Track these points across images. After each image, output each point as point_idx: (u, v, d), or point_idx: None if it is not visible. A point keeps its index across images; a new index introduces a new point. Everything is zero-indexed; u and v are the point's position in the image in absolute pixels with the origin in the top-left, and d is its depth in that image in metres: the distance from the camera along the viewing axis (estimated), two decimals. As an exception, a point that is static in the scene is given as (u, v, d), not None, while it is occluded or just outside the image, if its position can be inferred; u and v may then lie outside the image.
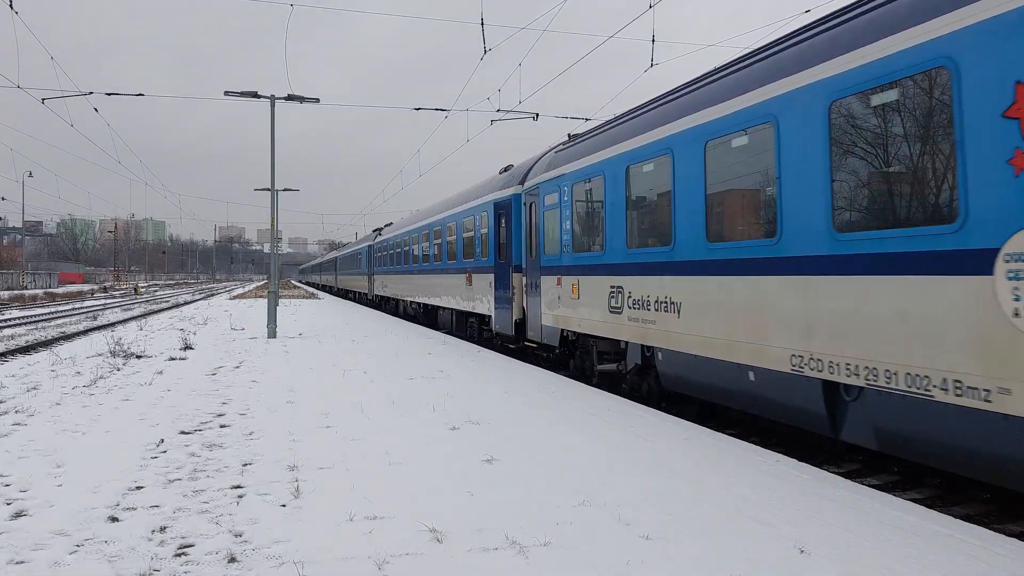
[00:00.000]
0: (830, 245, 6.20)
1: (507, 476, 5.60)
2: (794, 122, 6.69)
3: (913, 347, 5.36)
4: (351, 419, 7.77)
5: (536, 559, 3.99)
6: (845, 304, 6.02)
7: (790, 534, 4.39)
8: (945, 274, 5.13)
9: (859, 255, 5.90)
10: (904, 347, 5.43)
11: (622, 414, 8.28)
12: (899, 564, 3.97)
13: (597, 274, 10.71)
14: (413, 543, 4.21)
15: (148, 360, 13.14)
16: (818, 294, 6.32)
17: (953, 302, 5.06)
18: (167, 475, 5.64)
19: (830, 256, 6.20)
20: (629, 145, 9.76)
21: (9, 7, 15.70)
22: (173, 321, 24.48)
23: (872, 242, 5.77)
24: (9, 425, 7.39)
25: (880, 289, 5.67)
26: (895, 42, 5.60)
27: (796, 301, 6.60)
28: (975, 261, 4.90)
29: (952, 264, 5.07)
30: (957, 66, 5.06)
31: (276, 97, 19.14)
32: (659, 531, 4.41)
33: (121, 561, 3.97)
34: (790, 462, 6.40)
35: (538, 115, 19.71)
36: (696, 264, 8.16)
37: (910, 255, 5.40)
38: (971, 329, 4.90)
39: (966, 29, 5.02)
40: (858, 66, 5.96)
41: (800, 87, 6.60)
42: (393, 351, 14.83)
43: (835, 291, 6.13)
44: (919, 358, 5.32)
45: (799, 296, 6.57)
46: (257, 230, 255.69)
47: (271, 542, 4.24)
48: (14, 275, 72.40)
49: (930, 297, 5.23)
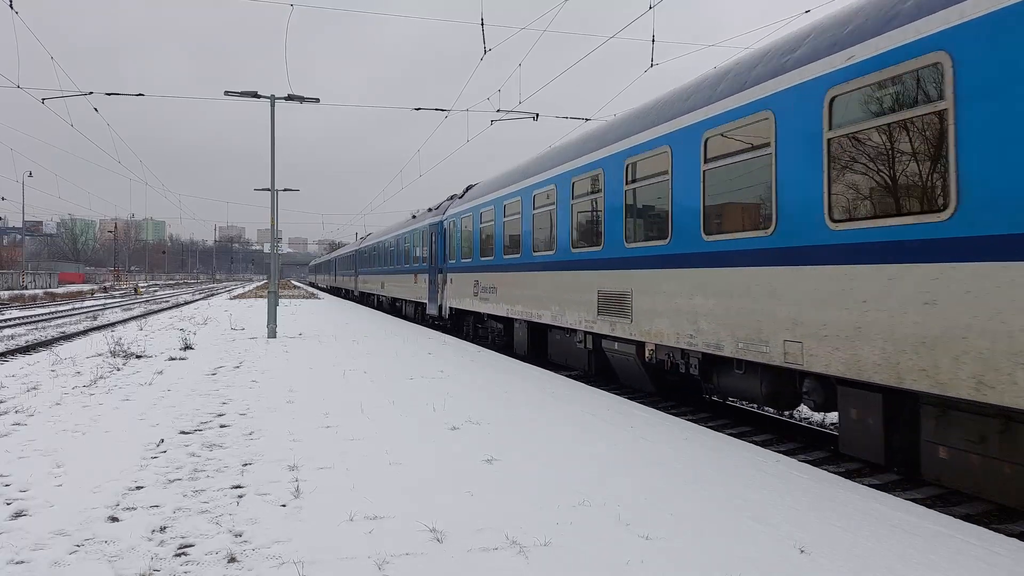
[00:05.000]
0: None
1: (507, 476, 5.60)
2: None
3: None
4: (351, 419, 7.76)
5: (536, 559, 3.99)
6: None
7: (790, 534, 4.39)
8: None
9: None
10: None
11: (622, 414, 8.28)
12: (899, 564, 3.97)
13: (467, 271, 18.34)
14: (413, 543, 4.21)
15: (148, 360, 13.13)
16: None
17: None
18: (167, 475, 5.63)
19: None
20: (476, 202, 17.53)
21: (9, 7, 15.70)
22: (173, 321, 24.47)
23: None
24: (9, 425, 7.39)
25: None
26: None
27: (516, 287, 14.48)
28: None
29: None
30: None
31: (276, 97, 19.14)
32: (659, 531, 4.41)
33: (121, 561, 3.96)
34: (790, 462, 6.41)
35: (538, 115, 19.72)
36: (500, 265, 15.53)
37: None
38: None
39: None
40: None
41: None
42: (393, 351, 14.83)
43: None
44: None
45: (524, 283, 14.10)
46: (257, 230, 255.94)
47: (271, 542, 4.24)
48: (14, 275, 72.39)
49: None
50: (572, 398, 9.34)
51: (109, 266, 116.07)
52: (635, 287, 9.61)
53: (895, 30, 5.66)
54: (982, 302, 4.92)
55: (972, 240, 5.01)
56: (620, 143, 10.09)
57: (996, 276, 4.83)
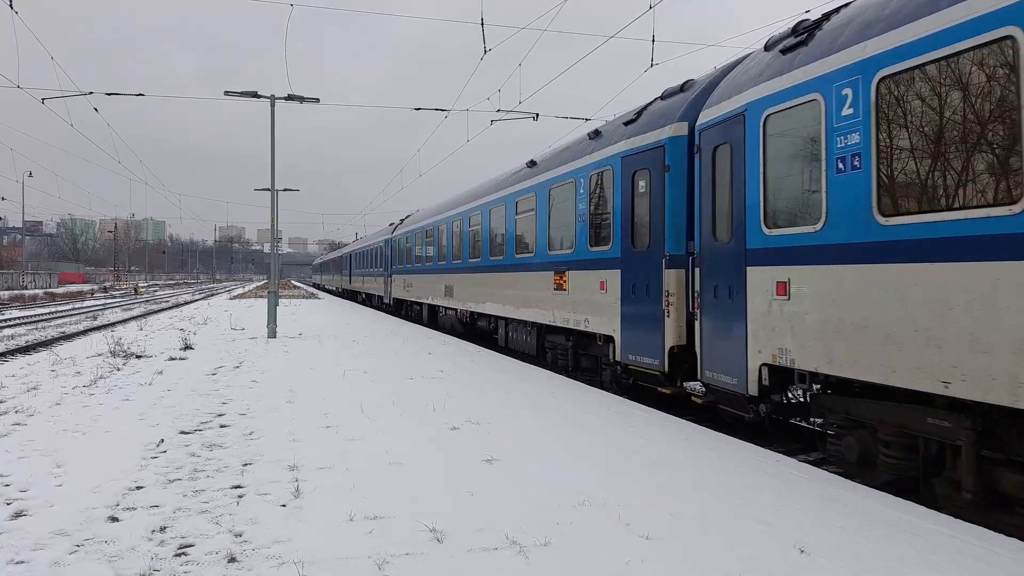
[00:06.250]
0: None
1: (507, 476, 5.60)
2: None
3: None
4: (351, 419, 7.77)
5: (536, 559, 3.99)
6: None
7: (790, 534, 4.39)
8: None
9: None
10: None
11: (622, 414, 8.28)
12: (899, 564, 3.97)
13: (401, 274, 28.78)
14: (413, 543, 4.21)
15: (148, 360, 13.13)
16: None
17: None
18: (167, 475, 5.63)
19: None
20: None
21: (9, 7, 15.70)
22: (173, 321, 24.47)
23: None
24: (9, 425, 7.39)
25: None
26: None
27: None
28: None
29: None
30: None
31: (276, 97, 19.14)
32: (659, 531, 4.41)
33: (121, 561, 3.97)
34: (790, 462, 6.41)
35: (538, 115, 19.71)
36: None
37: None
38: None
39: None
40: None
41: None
42: (393, 351, 14.83)
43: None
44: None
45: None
46: (257, 230, 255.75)
47: (271, 542, 4.24)
48: (14, 275, 72.36)
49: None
50: (572, 398, 9.35)
51: (109, 266, 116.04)
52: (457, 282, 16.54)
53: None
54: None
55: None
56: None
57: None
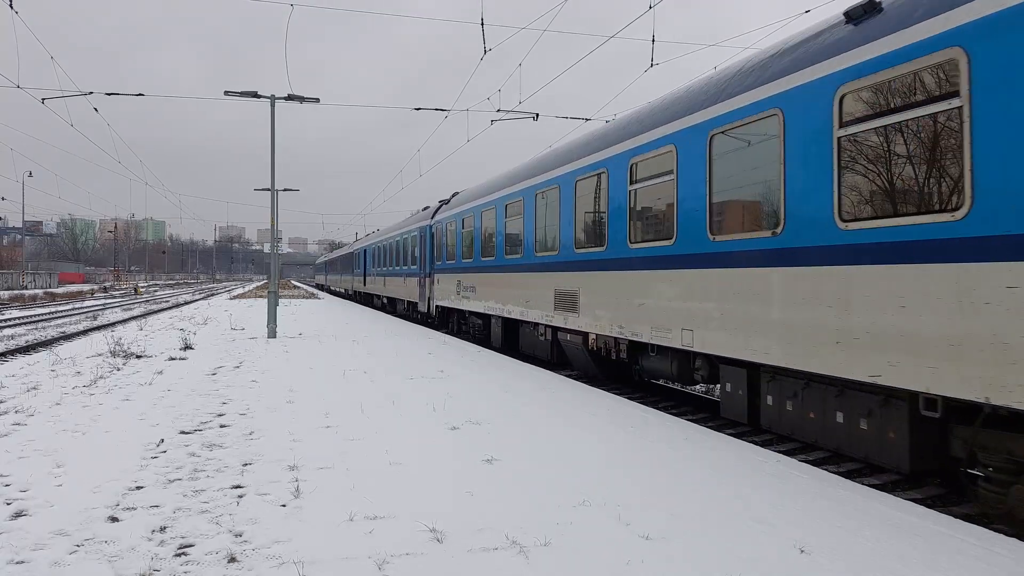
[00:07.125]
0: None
1: (507, 476, 5.60)
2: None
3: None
4: (351, 419, 7.76)
5: (536, 559, 3.99)
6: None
7: (790, 534, 4.39)
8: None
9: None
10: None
11: (622, 414, 8.28)
12: (899, 564, 3.97)
13: (450, 272, 20.32)
14: (413, 543, 4.21)
15: (148, 360, 13.13)
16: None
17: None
18: (167, 475, 5.63)
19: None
20: (454, 211, 19.99)
21: (9, 7, 15.70)
22: (173, 321, 24.47)
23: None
24: (9, 425, 7.39)
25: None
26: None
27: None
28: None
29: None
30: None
31: (276, 97, 19.14)
32: (659, 531, 4.41)
33: (121, 561, 3.96)
34: (790, 462, 6.41)
35: (538, 115, 19.71)
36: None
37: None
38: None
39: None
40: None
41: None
42: (393, 351, 14.83)
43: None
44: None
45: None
46: (257, 230, 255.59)
47: (271, 542, 4.24)
48: (14, 275, 72.36)
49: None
50: (572, 398, 9.34)
51: (109, 266, 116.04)
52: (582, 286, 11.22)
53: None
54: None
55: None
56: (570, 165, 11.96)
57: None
